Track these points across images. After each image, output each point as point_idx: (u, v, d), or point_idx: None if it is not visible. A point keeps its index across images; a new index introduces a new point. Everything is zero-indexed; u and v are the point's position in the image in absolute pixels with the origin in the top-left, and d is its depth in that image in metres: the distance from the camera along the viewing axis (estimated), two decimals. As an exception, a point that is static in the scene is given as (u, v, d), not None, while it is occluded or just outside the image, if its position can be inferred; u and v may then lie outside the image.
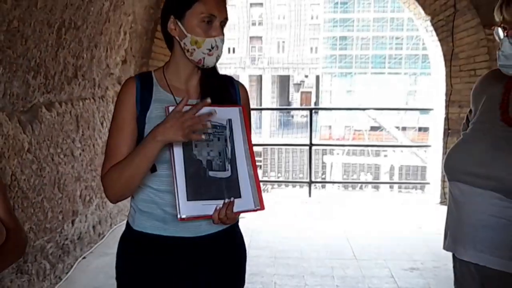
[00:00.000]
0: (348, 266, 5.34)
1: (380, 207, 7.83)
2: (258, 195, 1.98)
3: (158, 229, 2.08)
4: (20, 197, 4.23)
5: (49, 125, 4.76)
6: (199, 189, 1.90)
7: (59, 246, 4.97)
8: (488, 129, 2.07)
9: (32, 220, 4.44)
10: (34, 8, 4.15)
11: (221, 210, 1.91)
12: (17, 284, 4.20)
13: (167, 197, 2.02)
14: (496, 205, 1.97)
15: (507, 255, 1.96)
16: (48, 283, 4.72)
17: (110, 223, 6.33)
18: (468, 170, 2.05)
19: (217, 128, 1.97)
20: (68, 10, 4.76)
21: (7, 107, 4.09)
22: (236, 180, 1.97)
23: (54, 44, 4.68)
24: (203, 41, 2.00)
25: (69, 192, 5.18)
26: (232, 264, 2.26)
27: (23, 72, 4.24)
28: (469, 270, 2.11)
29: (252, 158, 2.01)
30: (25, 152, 4.32)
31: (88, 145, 5.67)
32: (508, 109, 2.03)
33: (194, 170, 1.91)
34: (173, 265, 2.13)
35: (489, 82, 2.18)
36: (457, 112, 7.47)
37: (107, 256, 5.44)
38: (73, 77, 5.24)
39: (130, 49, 6.79)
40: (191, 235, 2.08)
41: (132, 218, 2.15)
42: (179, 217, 1.86)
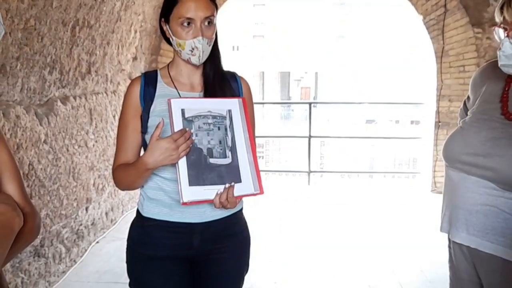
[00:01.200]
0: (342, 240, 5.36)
1: (375, 194, 7.84)
2: (257, 180, 1.98)
3: (165, 215, 2.09)
4: (37, 186, 4.23)
5: (64, 118, 4.76)
6: (201, 175, 1.90)
7: (74, 231, 4.97)
8: (487, 121, 2.05)
9: (48, 207, 4.44)
10: (49, 8, 4.14)
11: (222, 194, 1.91)
12: (35, 267, 4.20)
13: (174, 185, 2.02)
14: (489, 194, 1.97)
15: (496, 239, 1.96)
16: (64, 265, 4.73)
17: (121, 210, 6.33)
18: (465, 159, 2.05)
19: (217, 118, 1.98)
20: (82, 9, 4.75)
21: (24, 101, 4.08)
22: (237, 166, 1.97)
23: (68, 41, 4.67)
24: (184, 43, 2.02)
25: (83, 181, 5.18)
26: (236, 249, 2.26)
27: (40, 68, 4.24)
28: (462, 251, 2.14)
29: (252, 145, 2.01)
30: (42, 143, 4.31)
31: (101, 136, 5.67)
32: (508, 104, 2.02)
33: (195, 158, 1.91)
34: (180, 249, 2.14)
35: (489, 74, 2.17)
36: (447, 106, 7.50)
37: (119, 241, 5.46)
38: (87, 73, 5.24)
39: (140, 47, 6.78)
40: (196, 221, 2.09)
41: (141, 205, 2.17)
42: (181, 201, 1.86)
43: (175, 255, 2.14)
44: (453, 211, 2.14)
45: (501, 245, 1.95)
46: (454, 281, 2.29)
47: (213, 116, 1.97)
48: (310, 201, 7.52)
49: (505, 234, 1.94)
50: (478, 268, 2.09)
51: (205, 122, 1.96)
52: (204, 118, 1.96)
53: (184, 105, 1.94)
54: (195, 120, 1.94)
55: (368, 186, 9.28)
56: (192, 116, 1.94)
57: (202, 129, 1.95)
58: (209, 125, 1.96)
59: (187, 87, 2.14)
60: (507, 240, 1.94)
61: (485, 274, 2.06)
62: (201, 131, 1.94)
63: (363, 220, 6.48)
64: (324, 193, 8.11)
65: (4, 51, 3.65)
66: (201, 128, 1.94)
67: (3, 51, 3.64)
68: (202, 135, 1.94)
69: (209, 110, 1.98)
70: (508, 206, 1.93)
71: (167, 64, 2.22)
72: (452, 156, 2.12)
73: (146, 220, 2.13)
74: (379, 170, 16.25)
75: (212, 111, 1.98)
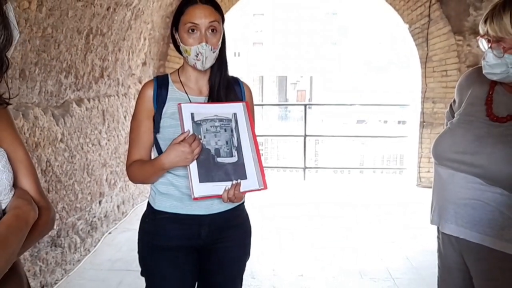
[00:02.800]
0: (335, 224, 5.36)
1: (366, 189, 7.84)
2: (261, 177, 2.01)
3: (176, 208, 2.11)
4: (54, 181, 4.22)
5: (79, 118, 4.75)
6: (209, 173, 1.94)
7: (88, 223, 4.97)
8: (473, 122, 2.06)
9: (64, 200, 4.44)
10: (65, 17, 4.14)
11: (229, 190, 1.94)
12: (52, 256, 4.20)
13: (184, 181, 2.06)
14: (476, 189, 1.98)
15: (483, 230, 1.98)
16: (79, 255, 4.72)
17: (132, 203, 6.32)
18: (454, 157, 2.06)
19: (223, 121, 2.01)
20: (95, 18, 4.74)
21: (42, 103, 4.08)
22: (242, 164, 2.00)
23: (83, 48, 4.66)
24: (190, 49, 2.03)
25: (96, 177, 5.17)
26: (239, 238, 2.28)
27: (56, 73, 4.23)
28: (451, 242, 2.14)
29: (255, 145, 2.05)
30: (58, 142, 4.31)
31: (113, 135, 5.66)
32: (492, 106, 2.03)
33: (204, 157, 1.94)
34: (189, 240, 2.15)
35: (475, 79, 2.16)
36: (431, 107, 7.53)
37: (129, 232, 5.46)
38: (100, 77, 5.23)
39: (149, 53, 6.78)
40: (204, 213, 2.11)
41: (153, 199, 2.18)
42: (192, 197, 1.90)
43: (185, 244, 2.15)
44: (443, 205, 2.14)
45: (488, 235, 1.97)
46: (442, 269, 2.29)
47: (220, 119, 2.01)
48: (305, 195, 7.52)
49: (491, 225, 1.95)
50: (466, 257, 2.10)
51: (212, 125, 1.99)
52: (211, 122, 2.00)
53: (193, 110, 1.98)
54: (203, 123, 1.98)
55: (359, 181, 9.29)
56: (201, 120, 1.98)
57: (210, 131, 1.98)
58: (216, 128, 2.00)
59: (195, 92, 2.15)
60: (493, 231, 1.95)
61: (473, 262, 2.07)
62: (208, 133, 1.98)
63: (354, 212, 6.48)
64: (318, 187, 8.10)
65: (23, 57, 3.64)
66: (208, 130, 1.98)
67: (23, 57, 3.64)
68: (210, 137, 1.98)
69: (216, 114, 2.01)
70: (494, 199, 1.94)
71: (177, 69, 2.22)
72: (441, 154, 2.12)
73: (158, 213, 2.14)
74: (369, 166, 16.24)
75: (218, 115, 2.02)
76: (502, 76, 1.91)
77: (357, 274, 4.50)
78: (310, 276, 4.47)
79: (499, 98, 2.02)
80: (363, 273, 4.52)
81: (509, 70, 1.87)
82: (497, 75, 1.92)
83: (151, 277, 2.23)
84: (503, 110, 1.98)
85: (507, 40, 1.83)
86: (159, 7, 6.53)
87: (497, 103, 2.01)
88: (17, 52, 3.54)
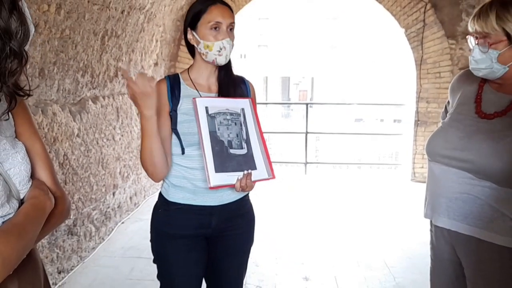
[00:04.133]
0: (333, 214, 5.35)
1: (363, 183, 7.83)
2: (269, 167, 2.05)
3: (189, 200, 2.12)
4: (71, 173, 4.22)
5: (95, 115, 4.75)
6: (224, 163, 1.95)
7: (102, 213, 4.97)
8: (463, 120, 2.07)
9: (80, 192, 4.44)
10: (82, 20, 4.13)
11: (242, 179, 1.96)
12: (68, 244, 4.21)
13: (196, 173, 2.08)
14: (467, 183, 1.98)
15: (474, 222, 1.98)
16: (93, 243, 4.73)
17: (144, 194, 6.32)
18: (446, 153, 2.06)
19: (233, 115, 2.05)
20: (110, 21, 4.73)
21: (60, 100, 4.08)
22: (252, 156, 2.03)
23: (98, 49, 4.66)
24: (213, 45, 2.04)
25: (110, 170, 5.17)
26: (245, 226, 2.30)
27: (74, 72, 4.23)
28: (443, 234, 2.14)
29: (262, 138, 2.08)
30: (75, 137, 4.31)
31: (126, 131, 5.66)
32: (481, 104, 2.04)
33: (218, 149, 1.96)
34: (200, 229, 2.17)
35: (465, 80, 2.18)
36: (425, 106, 7.52)
37: (141, 221, 5.46)
38: (114, 76, 5.23)
39: (160, 54, 6.77)
40: (215, 204, 2.13)
41: (166, 191, 2.18)
42: (209, 186, 1.91)
43: (196, 233, 2.17)
44: (435, 199, 2.14)
45: (478, 227, 1.97)
46: (435, 261, 2.28)
47: (230, 113, 2.05)
48: (306, 188, 7.51)
49: (481, 218, 1.95)
50: (457, 249, 2.10)
51: (224, 118, 2.02)
52: (223, 115, 2.03)
53: (207, 103, 2.01)
54: (216, 116, 2.01)
55: (357, 175, 9.28)
56: (214, 113, 2.01)
57: (223, 124, 2.01)
58: (228, 121, 2.02)
59: (205, 89, 2.15)
60: (483, 223, 1.95)
61: (464, 253, 2.07)
62: (222, 125, 2.01)
63: (352, 204, 6.47)
64: (318, 181, 8.09)
65: (43, 57, 3.64)
66: (222, 123, 2.01)
67: (42, 57, 3.64)
68: (223, 129, 2.00)
69: (227, 108, 2.05)
70: (483, 193, 1.94)
71: (187, 69, 2.22)
72: (433, 151, 2.13)
73: (171, 204, 2.15)
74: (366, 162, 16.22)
75: (229, 109, 2.05)
76: (487, 71, 1.94)
77: (355, 263, 4.49)
78: (311, 264, 4.46)
79: (487, 96, 2.03)
80: (360, 262, 4.51)
81: (493, 65, 1.90)
82: (482, 71, 1.95)
83: (163, 264, 2.23)
84: (491, 108, 1.99)
85: (492, 36, 1.88)
86: (170, 11, 6.52)
87: (486, 101, 2.03)
88: (37, 52, 3.54)
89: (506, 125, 1.91)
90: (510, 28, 1.84)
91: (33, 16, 3.38)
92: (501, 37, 1.87)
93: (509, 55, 1.88)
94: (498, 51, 1.88)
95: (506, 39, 1.86)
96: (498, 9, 1.87)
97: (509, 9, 1.85)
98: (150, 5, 5.67)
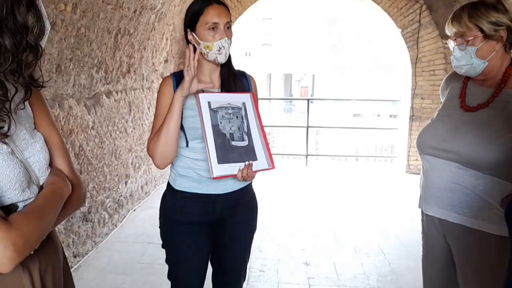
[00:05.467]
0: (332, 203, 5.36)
1: (360, 174, 7.83)
2: (269, 158, 2.05)
3: (195, 188, 2.13)
4: (86, 164, 4.23)
5: (108, 109, 4.76)
6: (226, 155, 1.96)
7: (115, 201, 4.98)
8: (450, 114, 2.10)
9: (95, 181, 4.45)
10: (97, 18, 4.13)
11: (243, 170, 1.97)
12: (83, 229, 4.22)
13: (201, 164, 2.08)
14: (454, 173, 2.00)
15: (462, 211, 2.00)
16: (107, 229, 4.74)
17: (154, 184, 6.34)
18: (434, 145, 2.09)
19: (235, 109, 2.05)
20: (123, 20, 4.73)
21: (76, 94, 4.08)
22: (252, 147, 2.04)
23: (112, 46, 4.66)
24: (212, 45, 2.03)
25: (123, 160, 5.18)
26: (247, 213, 2.32)
27: (88, 68, 4.23)
28: (434, 223, 2.16)
29: (262, 130, 2.09)
30: (90, 129, 4.31)
31: (138, 124, 5.66)
32: (466, 99, 2.08)
33: (221, 141, 1.97)
34: (205, 215, 2.18)
35: (452, 79, 2.24)
36: (419, 103, 7.51)
37: (151, 209, 5.48)
38: (127, 72, 5.23)
39: (170, 51, 6.76)
40: (219, 192, 2.14)
41: (173, 180, 2.19)
42: (212, 176, 1.92)
43: (201, 220, 2.18)
44: (426, 190, 2.16)
45: (466, 215, 1.98)
46: (426, 249, 2.30)
47: (232, 107, 2.05)
48: (307, 179, 7.51)
49: (469, 206, 1.97)
50: (447, 236, 2.11)
51: (226, 112, 2.02)
52: (225, 109, 2.03)
53: (209, 99, 2.01)
54: (219, 110, 2.01)
55: (355, 167, 9.28)
56: (217, 108, 2.01)
57: (225, 117, 2.01)
58: (230, 115, 2.03)
59: (209, 85, 2.12)
60: (471, 212, 1.97)
61: (453, 241, 2.08)
62: (224, 119, 2.01)
63: (350, 194, 6.47)
64: (318, 172, 8.09)
65: (59, 53, 3.64)
66: (224, 117, 2.01)
67: (59, 54, 3.64)
68: (225, 122, 2.01)
69: (229, 103, 2.05)
70: (470, 183, 1.96)
71: None
72: (423, 144, 2.16)
73: (178, 193, 2.16)
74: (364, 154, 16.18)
75: (231, 103, 2.05)
76: (468, 67, 2.00)
77: (352, 249, 4.50)
78: (311, 250, 4.47)
79: (471, 91, 2.09)
80: (357, 248, 4.52)
81: (473, 61, 1.96)
82: (464, 67, 2.01)
83: (171, 249, 2.25)
84: (475, 101, 2.04)
85: (468, 33, 1.95)
86: (180, 10, 6.50)
87: (470, 96, 2.08)
88: (54, 49, 3.54)
89: (490, 116, 1.95)
90: (482, 24, 1.92)
91: (51, 15, 3.38)
92: (476, 33, 1.93)
93: (486, 49, 1.95)
94: (476, 46, 1.95)
95: (481, 35, 1.93)
96: (470, 9, 1.96)
97: (480, 8, 1.94)
98: (161, 5, 5.66)
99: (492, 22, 1.91)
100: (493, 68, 1.98)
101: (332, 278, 3.91)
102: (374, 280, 3.88)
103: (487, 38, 1.93)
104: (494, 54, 1.95)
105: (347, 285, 3.79)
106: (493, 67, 1.98)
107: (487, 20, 1.91)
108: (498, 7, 1.94)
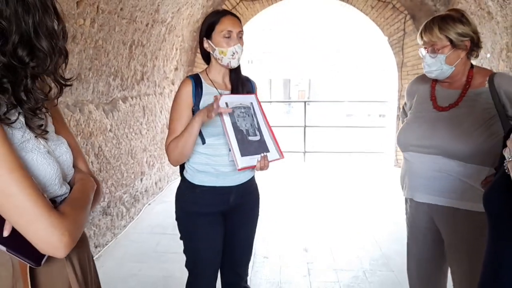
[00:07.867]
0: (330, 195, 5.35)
1: (353, 168, 7.81)
2: (279, 149, 2.15)
3: (213, 182, 2.17)
4: (104, 163, 4.23)
5: (124, 113, 4.75)
6: (246, 148, 2.04)
7: (132, 196, 4.98)
8: (425, 115, 2.17)
9: (113, 178, 4.45)
10: (113, 31, 4.13)
11: (261, 161, 2.06)
12: (103, 222, 4.22)
13: (217, 159, 2.13)
14: (437, 163, 2.07)
15: (448, 195, 2.06)
16: (125, 221, 4.74)
17: (167, 180, 6.33)
18: (416, 143, 2.15)
19: (246, 108, 2.12)
20: (137, 33, 4.72)
21: (95, 100, 4.08)
22: (264, 141, 2.12)
23: (127, 56, 4.65)
24: (226, 50, 2.08)
25: (138, 159, 5.18)
26: (253, 202, 2.37)
27: (106, 76, 4.23)
28: (423, 208, 2.21)
29: (269, 126, 2.17)
30: (108, 131, 4.31)
31: (151, 126, 5.66)
32: (436, 100, 2.16)
33: (240, 137, 2.04)
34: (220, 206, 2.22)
35: (418, 84, 2.33)
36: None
37: (165, 203, 5.48)
38: (141, 80, 5.22)
39: (180, 60, 6.76)
40: (233, 184, 2.20)
41: (192, 176, 2.21)
42: (238, 168, 1.99)
43: (217, 210, 2.22)
44: (414, 180, 2.20)
45: (453, 198, 2.05)
46: (411, 227, 2.36)
47: (244, 107, 2.12)
48: (305, 173, 7.50)
49: (454, 191, 2.04)
50: (436, 219, 2.16)
51: (240, 111, 2.09)
52: (239, 108, 2.09)
53: (227, 100, 2.05)
54: (235, 110, 2.07)
55: (348, 162, 9.27)
56: (233, 107, 2.06)
57: (240, 116, 2.08)
58: (243, 113, 2.10)
59: (222, 87, 2.19)
60: (457, 195, 2.03)
61: (443, 222, 2.13)
62: (240, 117, 2.08)
63: (344, 186, 6.47)
64: (315, 167, 8.08)
65: (80, 63, 3.64)
66: (239, 115, 2.08)
67: (79, 64, 3.64)
68: (241, 120, 2.08)
69: (240, 103, 2.11)
70: (453, 171, 2.03)
71: (204, 70, 2.24)
72: (405, 143, 2.22)
73: (197, 187, 2.18)
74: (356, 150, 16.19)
75: (242, 103, 2.12)
76: (438, 72, 2.09)
77: (347, 236, 4.49)
78: (309, 238, 4.47)
79: (440, 94, 2.18)
80: (351, 235, 4.51)
81: (442, 67, 2.07)
82: (434, 72, 2.10)
83: (190, 240, 2.26)
84: (445, 102, 2.12)
85: (438, 43, 2.04)
86: (188, 23, 6.50)
87: (440, 98, 2.16)
88: (74, 60, 3.54)
89: (461, 113, 2.04)
90: (451, 35, 2.01)
91: (71, 29, 3.38)
92: (445, 43, 2.03)
93: (453, 57, 2.05)
94: (445, 54, 2.04)
95: (449, 44, 2.03)
96: (439, 22, 2.05)
97: (448, 21, 2.03)
98: (171, 19, 5.66)
99: (458, 33, 2.01)
100: (458, 72, 2.09)
101: (329, 262, 3.91)
102: (367, 263, 3.88)
103: (454, 47, 2.03)
104: (460, 61, 2.06)
105: (342, 268, 3.79)
106: (458, 71, 2.09)
107: (454, 32, 2.01)
108: (463, 20, 2.04)
